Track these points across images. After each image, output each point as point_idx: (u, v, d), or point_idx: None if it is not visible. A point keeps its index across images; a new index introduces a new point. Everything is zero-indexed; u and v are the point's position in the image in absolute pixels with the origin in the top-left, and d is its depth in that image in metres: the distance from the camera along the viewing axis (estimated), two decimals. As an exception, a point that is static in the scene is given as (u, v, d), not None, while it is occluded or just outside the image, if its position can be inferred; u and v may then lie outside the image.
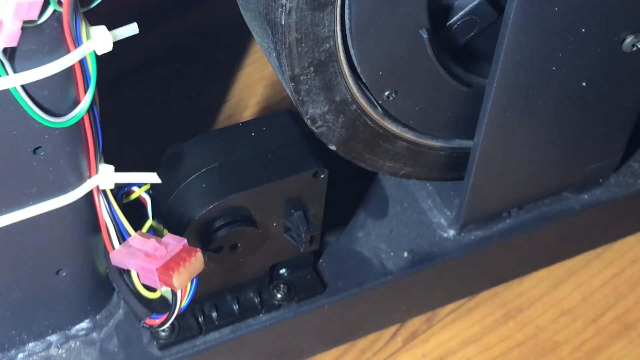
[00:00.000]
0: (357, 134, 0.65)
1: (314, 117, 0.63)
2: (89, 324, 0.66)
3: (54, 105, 0.53)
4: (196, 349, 0.67)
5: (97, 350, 0.66)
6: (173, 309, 0.60)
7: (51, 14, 0.50)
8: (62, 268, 0.62)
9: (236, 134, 0.64)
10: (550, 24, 0.61)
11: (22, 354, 0.65)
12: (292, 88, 0.61)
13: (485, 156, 0.66)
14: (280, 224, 0.65)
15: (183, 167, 0.63)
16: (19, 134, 0.54)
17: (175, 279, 0.56)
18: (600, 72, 0.65)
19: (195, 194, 0.62)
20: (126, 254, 0.58)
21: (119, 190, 0.63)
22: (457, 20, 0.64)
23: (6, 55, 0.50)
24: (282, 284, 0.69)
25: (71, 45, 0.51)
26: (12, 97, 0.51)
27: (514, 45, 0.61)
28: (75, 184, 0.58)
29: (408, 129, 0.67)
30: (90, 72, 0.53)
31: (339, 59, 0.61)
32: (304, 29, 0.58)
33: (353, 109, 0.64)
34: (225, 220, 0.62)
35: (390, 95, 0.63)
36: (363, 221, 0.74)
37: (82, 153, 0.57)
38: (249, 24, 0.65)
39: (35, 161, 0.55)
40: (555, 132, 0.68)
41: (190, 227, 0.61)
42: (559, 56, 0.63)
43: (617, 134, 0.71)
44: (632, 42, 0.64)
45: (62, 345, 0.66)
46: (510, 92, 0.63)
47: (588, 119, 0.68)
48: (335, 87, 0.62)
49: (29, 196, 0.57)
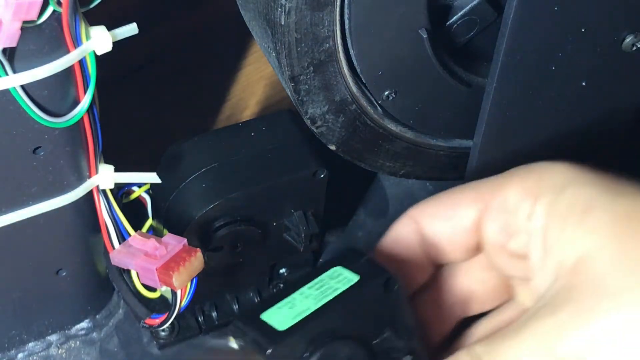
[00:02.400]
0: (357, 134, 0.65)
1: (313, 117, 0.63)
2: (89, 324, 0.66)
3: (54, 105, 0.53)
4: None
5: (97, 350, 0.66)
6: (173, 308, 0.60)
7: (51, 14, 0.50)
8: (62, 268, 0.62)
9: (236, 134, 0.64)
10: (550, 24, 0.61)
11: (22, 354, 0.65)
12: (292, 88, 0.61)
13: (485, 156, 0.66)
14: (280, 224, 0.65)
15: (183, 167, 0.63)
16: (19, 134, 0.54)
17: (175, 278, 0.56)
18: (600, 72, 0.65)
19: (195, 194, 0.62)
20: (126, 254, 0.58)
21: (119, 190, 0.63)
22: (457, 20, 0.64)
23: (6, 55, 0.50)
24: (282, 283, 0.69)
25: (71, 46, 0.51)
26: (12, 97, 0.51)
27: (514, 45, 0.61)
28: (75, 184, 0.58)
29: (408, 129, 0.67)
30: (90, 72, 0.53)
31: (339, 59, 0.61)
32: (304, 29, 0.58)
33: (353, 108, 0.64)
34: (225, 220, 0.62)
35: (390, 95, 0.63)
36: (363, 221, 0.74)
37: (82, 153, 0.57)
38: (248, 24, 0.65)
39: (35, 161, 0.55)
40: (555, 132, 0.68)
41: (190, 227, 0.61)
42: (559, 56, 0.63)
43: (617, 134, 0.71)
44: (632, 42, 0.64)
45: (62, 345, 0.66)
46: (510, 92, 0.63)
47: (588, 118, 0.68)
48: (335, 87, 0.62)
49: (29, 196, 0.57)
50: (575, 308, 0.52)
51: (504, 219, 0.58)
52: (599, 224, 0.54)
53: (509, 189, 0.58)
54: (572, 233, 0.55)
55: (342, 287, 0.54)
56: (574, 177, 0.57)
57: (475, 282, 0.62)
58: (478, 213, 0.59)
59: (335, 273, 0.55)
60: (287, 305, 0.54)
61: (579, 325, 0.52)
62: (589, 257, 0.53)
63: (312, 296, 0.54)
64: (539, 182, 0.57)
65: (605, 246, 0.53)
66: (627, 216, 0.54)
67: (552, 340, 0.52)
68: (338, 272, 0.55)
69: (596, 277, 0.53)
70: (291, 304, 0.54)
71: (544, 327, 0.53)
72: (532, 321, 0.53)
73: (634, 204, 0.54)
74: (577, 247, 0.54)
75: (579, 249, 0.54)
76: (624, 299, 0.52)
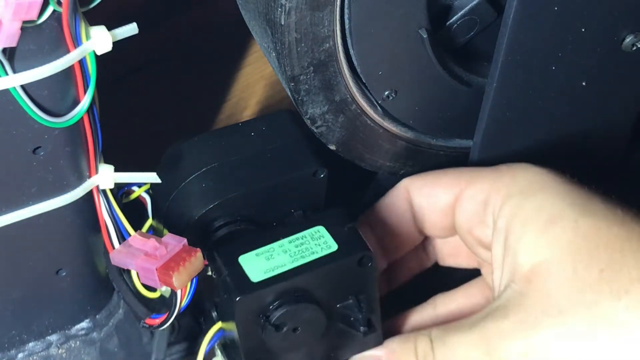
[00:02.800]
0: (357, 134, 0.65)
1: (313, 117, 0.63)
2: (89, 324, 0.66)
3: (54, 105, 0.53)
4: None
5: (97, 350, 0.66)
6: (173, 309, 0.60)
7: (51, 14, 0.50)
8: (62, 268, 0.62)
9: (236, 134, 0.64)
10: (550, 24, 0.61)
11: (22, 354, 0.65)
12: (292, 88, 0.61)
13: (485, 156, 0.66)
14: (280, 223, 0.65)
15: (183, 167, 0.63)
16: (19, 134, 0.54)
17: (175, 278, 0.56)
18: (600, 72, 0.65)
19: (195, 194, 0.62)
20: (126, 254, 0.58)
21: (119, 190, 0.63)
22: (457, 20, 0.64)
23: (6, 55, 0.50)
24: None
25: (71, 46, 0.51)
26: (12, 97, 0.51)
27: (514, 45, 0.61)
28: (75, 183, 0.58)
29: (408, 129, 0.67)
30: (89, 72, 0.53)
31: (339, 59, 0.61)
32: (304, 28, 0.58)
33: (353, 108, 0.64)
34: (225, 219, 0.62)
35: (390, 95, 0.64)
36: (363, 221, 0.74)
37: (82, 153, 0.57)
38: (248, 23, 0.65)
39: (35, 161, 0.55)
40: (554, 132, 0.68)
41: (190, 227, 0.61)
42: (559, 56, 0.63)
43: (617, 134, 0.71)
44: (632, 42, 0.64)
45: (62, 345, 0.66)
46: (510, 92, 0.63)
47: (588, 119, 0.68)
48: (335, 87, 0.62)
49: (29, 196, 0.57)
50: (520, 318, 0.55)
51: (473, 208, 0.61)
52: (559, 238, 0.56)
53: (483, 182, 0.61)
54: (532, 239, 0.57)
55: (319, 253, 0.57)
56: (547, 185, 0.59)
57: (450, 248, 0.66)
58: (453, 198, 0.62)
59: (317, 234, 0.58)
60: (265, 254, 0.58)
61: (519, 336, 0.55)
62: (544, 268, 0.55)
63: (290, 252, 0.58)
64: (512, 182, 0.59)
65: (560, 261, 0.55)
66: (587, 236, 0.56)
67: (494, 344, 0.56)
68: (320, 234, 0.58)
69: (546, 290, 0.55)
70: (269, 254, 0.58)
71: (491, 330, 0.56)
72: (483, 322, 0.56)
73: (597, 225, 0.56)
74: (534, 255, 0.56)
75: (535, 257, 0.56)
76: (566, 318, 0.54)
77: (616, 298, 0.54)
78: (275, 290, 0.57)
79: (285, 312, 0.57)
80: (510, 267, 0.57)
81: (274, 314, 0.57)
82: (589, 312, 0.54)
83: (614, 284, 0.54)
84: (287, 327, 0.58)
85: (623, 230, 0.56)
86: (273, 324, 0.57)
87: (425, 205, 0.63)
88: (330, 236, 0.58)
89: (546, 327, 0.54)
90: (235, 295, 0.56)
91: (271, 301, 0.57)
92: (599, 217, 0.56)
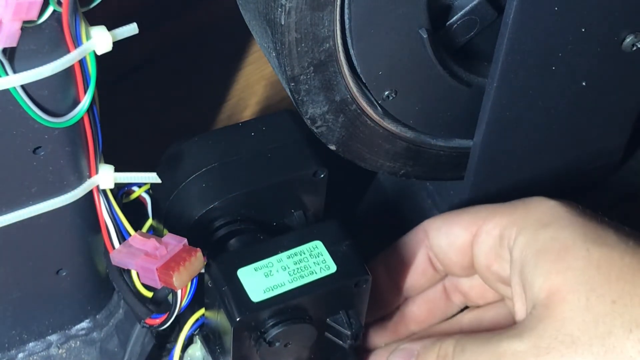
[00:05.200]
0: (357, 134, 0.65)
1: (313, 117, 0.63)
2: (89, 324, 0.66)
3: (54, 105, 0.53)
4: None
5: (97, 350, 0.66)
6: (173, 309, 0.60)
7: (51, 14, 0.50)
8: (62, 268, 0.62)
9: (236, 134, 0.64)
10: (550, 24, 0.61)
11: (22, 354, 0.65)
12: (292, 88, 0.61)
13: (485, 156, 0.66)
14: (280, 223, 0.65)
15: (183, 167, 0.63)
16: (19, 134, 0.54)
17: (175, 278, 0.56)
18: (600, 72, 0.65)
19: (195, 194, 0.62)
20: (126, 254, 0.58)
21: (119, 190, 0.63)
22: (457, 19, 0.64)
23: (6, 55, 0.50)
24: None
25: (71, 46, 0.51)
26: (12, 97, 0.51)
27: (514, 45, 0.61)
28: (75, 184, 0.58)
29: (408, 129, 0.67)
30: (90, 72, 0.53)
31: (339, 59, 0.61)
32: (304, 28, 0.58)
33: (353, 108, 0.64)
34: (225, 219, 0.62)
35: (390, 95, 0.64)
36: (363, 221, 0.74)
37: (82, 153, 0.57)
38: (248, 23, 0.65)
39: (35, 161, 0.55)
40: (554, 132, 0.68)
41: (190, 227, 0.61)
42: (559, 56, 0.63)
43: (617, 134, 0.71)
44: (632, 42, 0.64)
45: (62, 345, 0.66)
46: (510, 92, 0.63)
47: (588, 119, 0.68)
48: (335, 87, 0.62)
49: (29, 196, 0.57)
50: (534, 342, 0.56)
51: (490, 244, 0.62)
52: (572, 266, 0.57)
53: (499, 218, 0.62)
54: (546, 268, 0.58)
55: (318, 274, 0.58)
56: (560, 216, 0.60)
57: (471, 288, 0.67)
58: (471, 236, 0.63)
59: (316, 251, 0.59)
60: (264, 270, 0.58)
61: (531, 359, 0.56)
62: (559, 297, 0.56)
63: (289, 270, 0.58)
64: (526, 214, 0.61)
65: (574, 290, 0.56)
66: (599, 266, 0.57)
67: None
68: (318, 251, 0.59)
69: (561, 318, 0.56)
70: (267, 270, 0.58)
71: (505, 348, 0.57)
72: (498, 339, 0.57)
73: (609, 254, 0.57)
74: (549, 283, 0.57)
75: (550, 285, 0.57)
76: (578, 348, 0.55)
77: (627, 330, 0.55)
78: (274, 310, 0.57)
79: (281, 330, 0.58)
80: (528, 297, 0.58)
81: (270, 331, 0.58)
82: (602, 344, 0.55)
83: (625, 316, 0.55)
84: (279, 343, 0.58)
85: (635, 260, 0.57)
86: (267, 341, 0.58)
87: (444, 244, 0.64)
88: (328, 254, 0.59)
89: (559, 355, 0.55)
90: (235, 315, 0.57)
91: (267, 319, 0.58)
92: (611, 247, 0.57)
